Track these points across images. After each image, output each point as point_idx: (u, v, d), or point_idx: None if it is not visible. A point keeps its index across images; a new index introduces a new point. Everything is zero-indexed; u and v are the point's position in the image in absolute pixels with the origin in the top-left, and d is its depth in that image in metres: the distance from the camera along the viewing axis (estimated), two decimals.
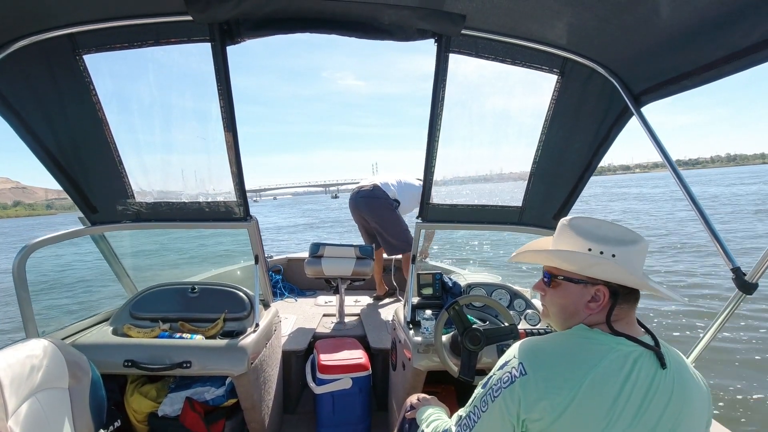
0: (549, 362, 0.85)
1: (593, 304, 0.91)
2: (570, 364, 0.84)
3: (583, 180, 1.96)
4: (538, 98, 1.80)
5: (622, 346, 0.86)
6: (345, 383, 2.19)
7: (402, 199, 3.58)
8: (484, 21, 1.50)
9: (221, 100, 1.60)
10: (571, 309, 0.94)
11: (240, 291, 2.16)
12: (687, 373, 0.90)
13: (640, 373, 0.83)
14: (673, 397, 0.84)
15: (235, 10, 1.40)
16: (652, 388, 0.83)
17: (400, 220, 3.57)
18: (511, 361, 0.88)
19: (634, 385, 0.82)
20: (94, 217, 1.96)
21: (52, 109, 1.63)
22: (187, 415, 1.83)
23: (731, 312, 1.15)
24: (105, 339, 1.84)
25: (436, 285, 2.20)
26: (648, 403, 0.82)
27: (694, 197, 1.26)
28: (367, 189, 3.53)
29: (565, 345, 0.88)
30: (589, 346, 0.86)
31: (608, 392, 0.80)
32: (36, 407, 1.31)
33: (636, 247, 0.91)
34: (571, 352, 0.86)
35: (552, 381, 0.82)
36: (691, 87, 1.38)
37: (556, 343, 0.89)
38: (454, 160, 1.93)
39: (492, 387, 0.89)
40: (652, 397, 0.83)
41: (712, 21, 1.13)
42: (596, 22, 1.37)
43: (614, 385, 0.81)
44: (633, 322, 0.93)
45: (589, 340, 0.88)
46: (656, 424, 0.82)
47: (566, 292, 0.95)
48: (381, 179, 3.61)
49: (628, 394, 0.81)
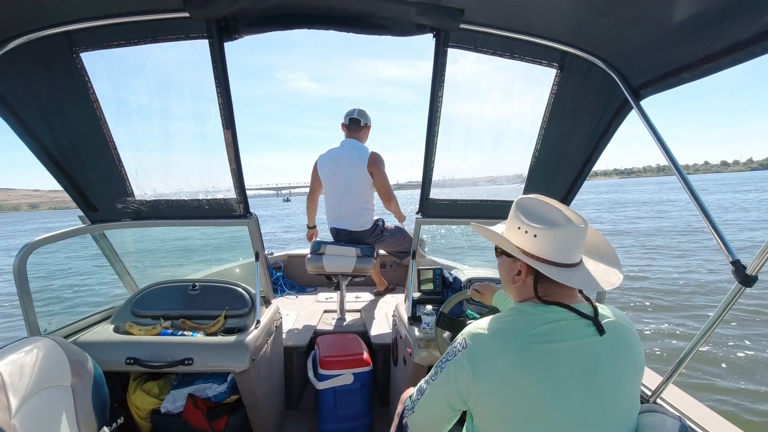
0: (485, 335, 0.94)
1: (517, 277, 1.01)
2: (502, 334, 0.92)
3: (583, 174, 1.96)
4: (537, 92, 1.79)
5: (553, 313, 0.93)
6: (346, 379, 2.20)
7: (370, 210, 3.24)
8: (482, 15, 1.49)
9: (219, 97, 1.60)
10: (506, 280, 1.07)
11: (241, 288, 2.16)
12: (627, 338, 0.96)
13: (573, 337, 0.90)
14: (610, 360, 0.91)
15: (232, 6, 1.40)
16: (586, 351, 0.90)
17: (392, 235, 3.30)
18: (457, 339, 0.99)
19: (568, 349, 0.89)
20: (94, 216, 1.96)
21: (50, 108, 1.63)
22: (190, 412, 1.84)
23: (731, 305, 1.15)
24: (107, 337, 1.84)
25: (437, 280, 2.20)
26: (583, 365, 0.88)
27: (694, 190, 1.26)
28: (346, 233, 3.21)
29: (499, 320, 0.97)
30: (520, 317, 0.95)
31: (541, 354, 0.87)
32: (39, 406, 1.32)
33: (560, 229, 0.96)
34: (504, 325, 0.94)
35: (488, 350, 0.91)
36: (690, 80, 1.37)
37: (493, 320, 0.98)
38: (452, 155, 1.93)
39: (441, 361, 1.01)
40: (587, 360, 0.89)
41: (711, 14, 1.12)
42: (595, 15, 1.36)
43: (546, 348, 0.88)
44: (572, 294, 0.99)
45: (521, 312, 0.96)
46: (591, 384, 0.88)
47: (502, 264, 1.08)
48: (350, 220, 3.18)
49: (562, 357, 0.88)
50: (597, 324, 0.92)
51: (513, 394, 0.87)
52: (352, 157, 3.09)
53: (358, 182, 3.10)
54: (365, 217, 3.19)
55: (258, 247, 2.05)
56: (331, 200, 3.23)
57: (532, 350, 0.88)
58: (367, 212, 3.20)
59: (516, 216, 1.03)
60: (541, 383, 0.86)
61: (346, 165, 3.10)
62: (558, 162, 1.94)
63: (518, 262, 1.01)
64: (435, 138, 1.79)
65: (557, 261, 0.96)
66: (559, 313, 0.94)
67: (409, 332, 1.88)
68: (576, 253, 0.99)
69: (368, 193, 3.16)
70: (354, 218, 3.17)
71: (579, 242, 0.98)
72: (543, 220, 0.98)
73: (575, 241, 0.97)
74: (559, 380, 0.86)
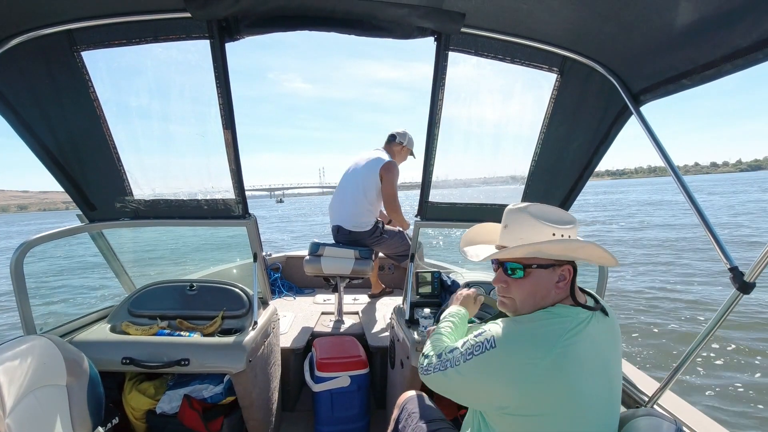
0: (521, 340, 0.95)
1: (561, 283, 1.02)
2: (543, 338, 0.94)
3: (583, 179, 1.96)
4: (538, 97, 1.80)
5: (582, 314, 0.98)
6: (343, 381, 2.19)
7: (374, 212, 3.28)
8: (483, 19, 1.50)
9: (220, 98, 1.60)
10: (543, 293, 1.02)
11: (238, 289, 2.15)
12: (614, 317, 1.06)
13: (597, 330, 0.97)
14: (615, 336, 1.03)
15: (233, 7, 1.40)
16: (607, 337, 1.00)
17: (392, 237, 3.31)
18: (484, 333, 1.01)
19: (591, 345, 0.95)
20: (93, 215, 1.95)
21: (50, 107, 1.63)
22: (186, 413, 1.83)
23: (729, 311, 1.15)
24: (103, 336, 1.83)
25: (435, 283, 2.20)
26: (602, 359, 0.97)
27: (692, 196, 1.26)
28: (345, 232, 3.24)
29: (535, 322, 0.98)
30: (558, 319, 0.97)
31: (578, 354, 0.92)
32: (34, 405, 1.31)
33: (575, 225, 1.05)
34: (543, 329, 0.96)
35: (524, 354, 0.93)
36: (690, 86, 1.37)
37: (528, 323, 0.99)
38: (452, 158, 1.93)
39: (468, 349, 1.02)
40: (609, 344, 0.99)
41: (712, 20, 1.13)
42: (595, 20, 1.37)
43: (580, 348, 0.93)
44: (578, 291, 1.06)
45: (557, 315, 0.98)
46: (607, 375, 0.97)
47: (538, 278, 1.02)
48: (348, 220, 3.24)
49: (589, 355, 0.94)
50: (602, 309, 1.02)
51: (548, 396, 0.91)
52: (369, 160, 3.24)
53: (366, 183, 3.19)
54: (366, 217, 3.22)
55: (256, 248, 2.04)
56: (338, 198, 3.32)
57: (571, 351, 0.92)
58: (369, 214, 3.23)
59: (540, 223, 1.03)
60: (577, 381, 0.91)
61: (362, 166, 3.27)
62: (557, 166, 1.94)
63: (560, 268, 1.02)
64: (435, 141, 1.79)
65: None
66: (585, 313, 0.99)
67: (407, 335, 1.88)
68: None
69: (374, 196, 3.22)
70: (355, 217, 3.21)
71: None
72: (566, 221, 1.04)
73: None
74: (588, 377, 0.93)
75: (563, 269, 1.01)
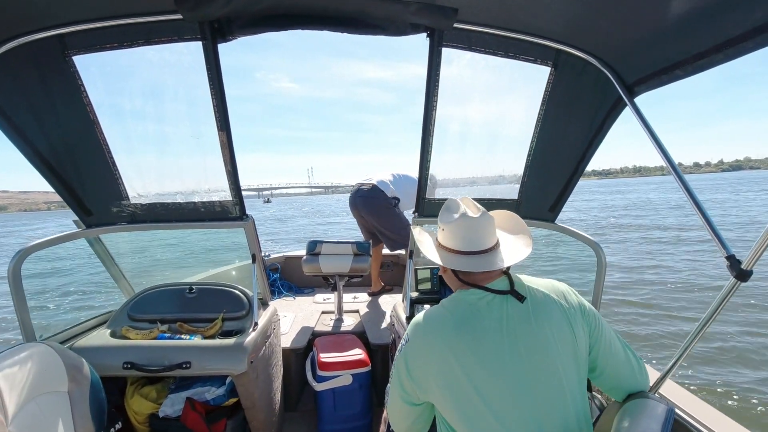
0: (421, 328, 1.08)
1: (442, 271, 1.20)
2: (433, 323, 1.06)
3: (578, 172, 1.96)
4: (532, 91, 1.80)
5: (473, 296, 1.07)
6: (345, 380, 2.20)
7: (402, 196, 3.61)
8: (476, 14, 1.50)
9: (214, 99, 1.59)
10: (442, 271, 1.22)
11: (238, 290, 2.15)
12: (546, 302, 1.06)
13: (495, 312, 1.03)
14: (530, 323, 1.02)
15: (225, 8, 1.39)
16: (508, 322, 1.02)
17: (399, 217, 3.59)
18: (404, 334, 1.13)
19: (492, 323, 1.01)
20: (89, 220, 1.94)
21: (43, 112, 1.62)
22: (188, 416, 1.83)
23: (726, 300, 1.15)
24: (103, 342, 1.83)
25: (434, 280, 2.20)
26: (508, 334, 1.00)
27: (689, 186, 1.26)
28: (365, 189, 3.57)
29: (433, 310, 1.11)
30: (449, 304, 1.09)
31: (468, 333, 1.00)
32: (36, 412, 1.31)
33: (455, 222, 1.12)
34: (435, 315, 1.08)
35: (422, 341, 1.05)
36: (684, 76, 1.38)
37: (429, 310, 1.12)
38: (447, 155, 1.93)
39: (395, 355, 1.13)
40: (511, 328, 1.01)
41: (704, 10, 1.13)
42: (588, 13, 1.37)
43: (472, 327, 1.01)
44: (491, 276, 1.10)
45: (451, 300, 1.10)
46: (518, 350, 0.99)
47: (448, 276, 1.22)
48: (379, 178, 3.64)
49: (488, 332, 1.00)
50: (515, 294, 1.05)
51: (452, 376, 0.98)
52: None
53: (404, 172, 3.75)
54: (391, 188, 3.58)
55: (255, 249, 2.04)
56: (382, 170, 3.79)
57: (461, 332, 1.00)
58: (395, 188, 3.60)
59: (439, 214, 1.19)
60: (474, 359, 0.97)
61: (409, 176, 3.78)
62: (553, 160, 1.94)
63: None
64: (430, 137, 1.79)
65: (462, 249, 1.11)
66: (477, 294, 1.07)
67: None
68: (484, 241, 1.11)
69: (409, 183, 3.63)
70: (383, 179, 3.59)
71: (482, 231, 1.11)
72: (446, 217, 1.15)
73: (476, 231, 1.11)
74: (489, 353, 0.98)
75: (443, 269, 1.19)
